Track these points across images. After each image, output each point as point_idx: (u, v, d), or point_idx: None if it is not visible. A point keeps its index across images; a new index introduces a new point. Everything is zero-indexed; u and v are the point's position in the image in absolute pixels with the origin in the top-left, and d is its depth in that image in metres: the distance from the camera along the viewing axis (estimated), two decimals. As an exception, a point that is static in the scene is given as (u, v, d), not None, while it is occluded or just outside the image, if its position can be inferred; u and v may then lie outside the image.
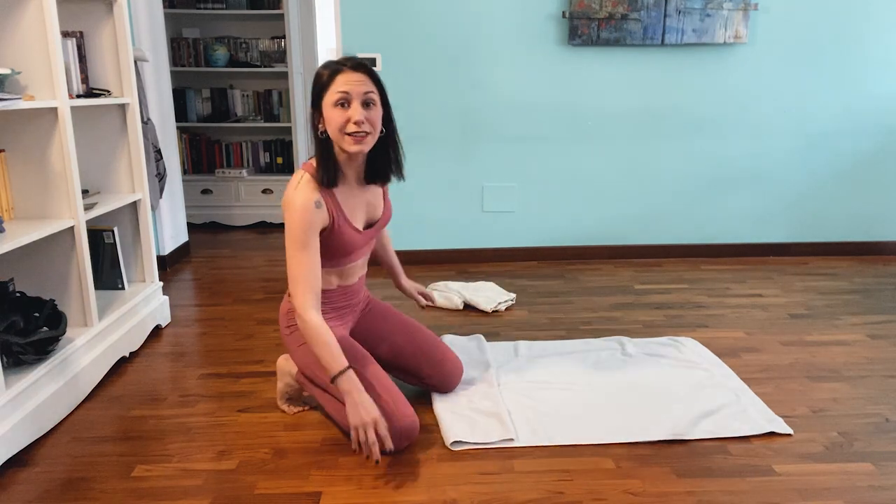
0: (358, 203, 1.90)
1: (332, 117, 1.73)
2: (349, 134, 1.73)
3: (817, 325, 2.75)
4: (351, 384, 1.70)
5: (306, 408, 2.08)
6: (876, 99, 3.64)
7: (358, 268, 2.00)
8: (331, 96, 1.73)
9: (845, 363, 2.39)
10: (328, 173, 1.78)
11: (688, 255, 3.81)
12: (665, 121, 3.62)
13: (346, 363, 1.72)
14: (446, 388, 2.10)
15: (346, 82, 1.72)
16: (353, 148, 1.75)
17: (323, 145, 1.78)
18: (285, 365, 2.05)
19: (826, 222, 3.81)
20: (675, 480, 1.70)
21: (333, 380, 1.71)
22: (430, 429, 1.95)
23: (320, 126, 1.77)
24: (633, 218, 3.76)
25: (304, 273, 1.74)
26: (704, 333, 2.67)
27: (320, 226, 1.78)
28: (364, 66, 1.77)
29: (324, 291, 1.93)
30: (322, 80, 1.75)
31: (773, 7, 3.49)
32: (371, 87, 1.76)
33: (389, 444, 1.69)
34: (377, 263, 2.38)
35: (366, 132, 1.75)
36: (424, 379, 2.09)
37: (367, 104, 1.75)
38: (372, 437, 1.66)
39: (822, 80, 3.60)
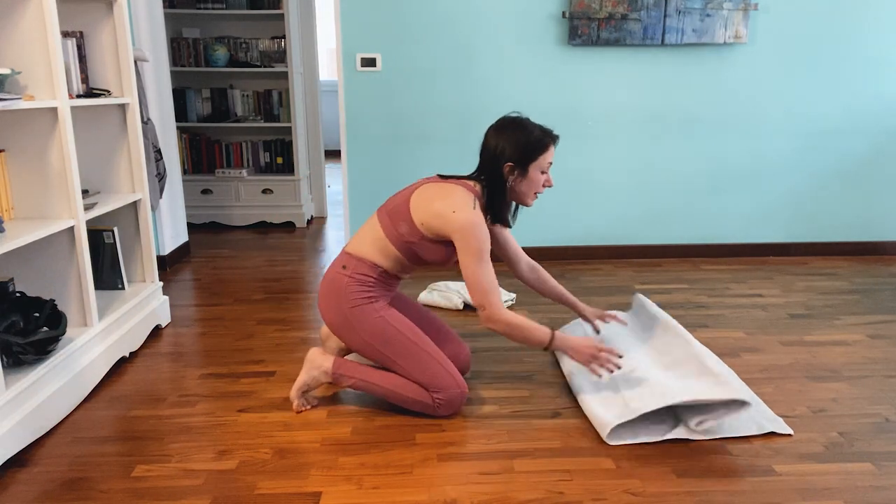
0: None
1: (537, 180, 2.02)
2: (536, 193, 2.05)
3: (817, 325, 2.76)
4: (564, 342, 1.99)
5: (311, 406, 2.11)
6: (876, 99, 3.64)
7: None
8: (543, 164, 2.01)
9: (845, 363, 2.39)
10: (504, 217, 2.07)
11: (688, 255, 3.81)
12: (665, 121, 3.62)
13: (549, 331, 1.99)
14: (463, 370, 2.24)
15: (552, 154, 2.03)
16: (532, 203, 2.07)
17: (503, 192, 2.02)
18: (319, 358, 2.06)
19: (826, 222, 3.81)
20: (675, 480, 1.70)
21: (548, 346, 1.98)
22: (431, 429, 1.95)
23: (514, 178, 2.00)
24: (632, 218, 3.76)
25: (493, 281, 1.95)
26: (704, 333, 2.67)
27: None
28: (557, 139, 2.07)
29: (388, 275, 2.06)
30: (540, 148, 1.99)
31: (773, 7, 3.49)
32: None
33: (618, 357, 1.99)
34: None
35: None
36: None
37: None
38: (604, 358, 1.95)
39: (822, 80, 3.60)
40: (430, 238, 1.98)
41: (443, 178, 2.06)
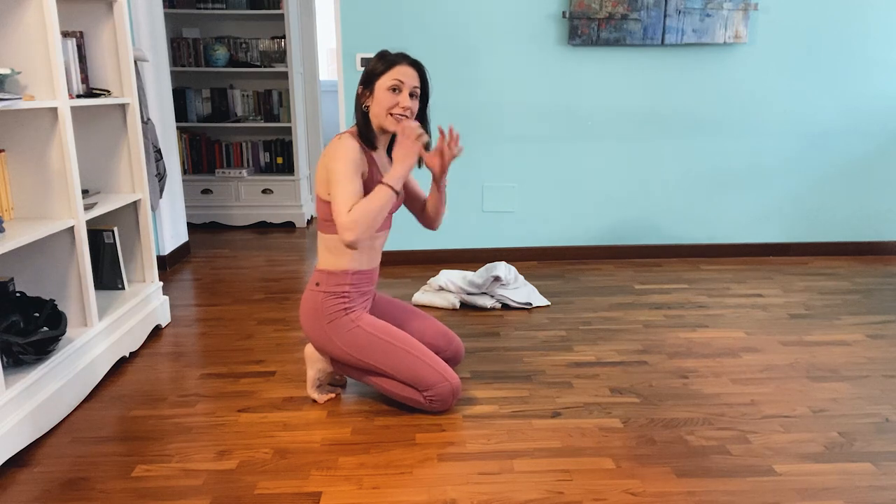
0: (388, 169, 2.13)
1: (384, 99, 1.96)
2: (392, 115, 1.97)
3: (817, 325, 2.76)
4: (396, 172, 1.93)
5: (336, 393, 2.15)
6: (876, 99, 3.64)
7: (377, 249, 2.12)
8: (387, 82, 1.96)
9: (845, 363, 2.39)
10: (369, 138, 2.02)
11: (688, 255, 3.81)
12: (665, 121, 3.62)
13: (385, 185, 1.91)
14: (457, 360, 2.26)
15: (402, 73, 1.97)
16: (393, 127, 1.98)
17: (364, 117, 2.01)
18: (315, 352, 2.10)
19: (826, 222, 3.81)
20: (675, 480, 1.70)
21: (398, 191, 1.93)
22: (431, 428, 1.95)
23: (365, 101, 2.00)
24: (633, 218, 3.76)
25: (350, 198, 1.87)
26: (704, 333, 2.67)
27: (361, 167, 1.95)
28: (417, 64, 2.01)
29: (351, 273, 2.04)
30: (381, 66, 1.97)
31: (773, 7, 3.49)
32: (418, 83, 2.01)
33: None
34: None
35: (406, 116, 1.99)
36: (439, 353, 2.20)
37: (412, 96, 2.00)
38: (409, 128, 1.93)
39: (822, 81, 3.60)
40: None
41: None
